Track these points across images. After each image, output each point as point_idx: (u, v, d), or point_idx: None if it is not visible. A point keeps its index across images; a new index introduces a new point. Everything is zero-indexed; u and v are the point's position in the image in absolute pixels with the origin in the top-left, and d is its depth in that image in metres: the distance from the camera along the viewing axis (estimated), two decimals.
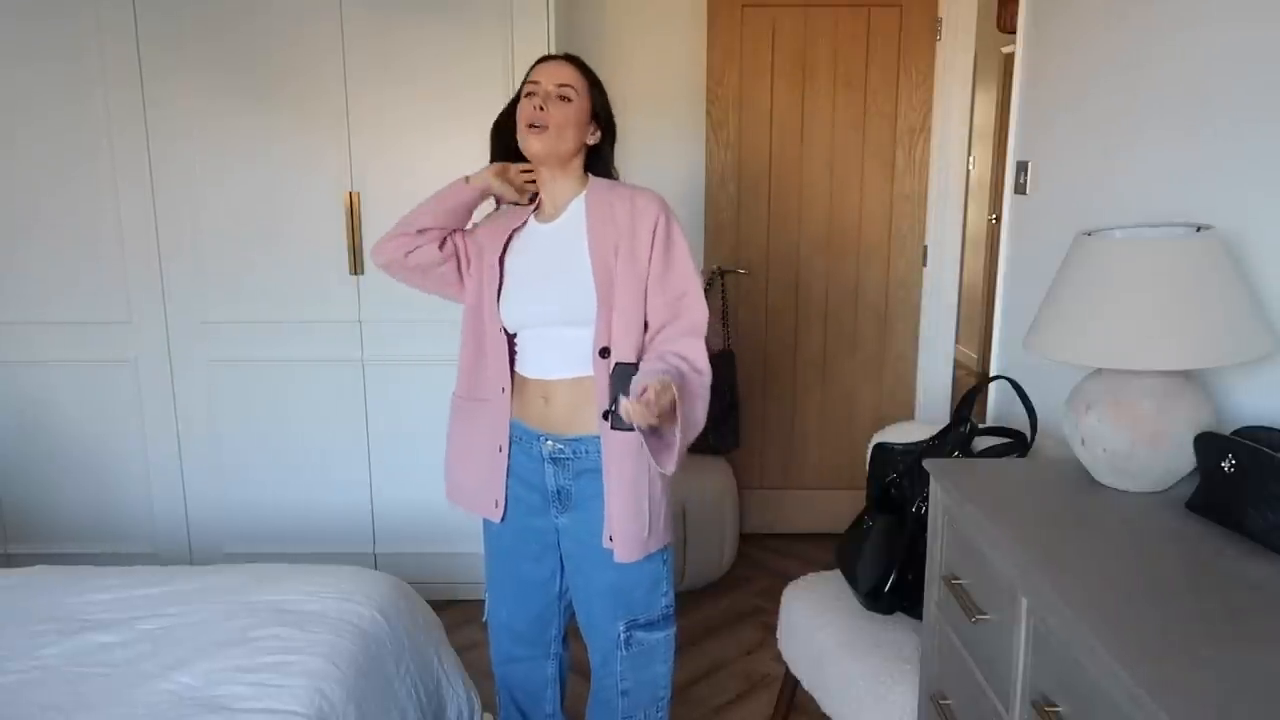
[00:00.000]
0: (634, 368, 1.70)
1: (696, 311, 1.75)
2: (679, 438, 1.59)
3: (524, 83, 1.78)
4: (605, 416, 1.70)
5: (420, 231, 1.83)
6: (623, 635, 1.84)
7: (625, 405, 1.51)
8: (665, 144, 3.46)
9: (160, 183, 2.92)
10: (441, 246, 1.85)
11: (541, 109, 1.71)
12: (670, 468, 1.62)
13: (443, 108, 2.88)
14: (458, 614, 3.03)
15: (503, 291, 1.81)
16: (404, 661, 1.98)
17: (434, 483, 2.11)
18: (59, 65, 2.86)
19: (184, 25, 2.83)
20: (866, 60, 3.39)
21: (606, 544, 1.78)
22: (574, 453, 1.78)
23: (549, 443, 1.79)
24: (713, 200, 3.46)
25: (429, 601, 2.26)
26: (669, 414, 1.58)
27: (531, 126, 1.71)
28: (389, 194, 2.92)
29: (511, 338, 1.84)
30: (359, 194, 2.92)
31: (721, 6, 3.34)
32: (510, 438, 1.84)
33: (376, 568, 2.82)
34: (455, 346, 3.14)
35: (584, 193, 1.80)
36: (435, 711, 2.07)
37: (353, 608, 1.95)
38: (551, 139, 1.72)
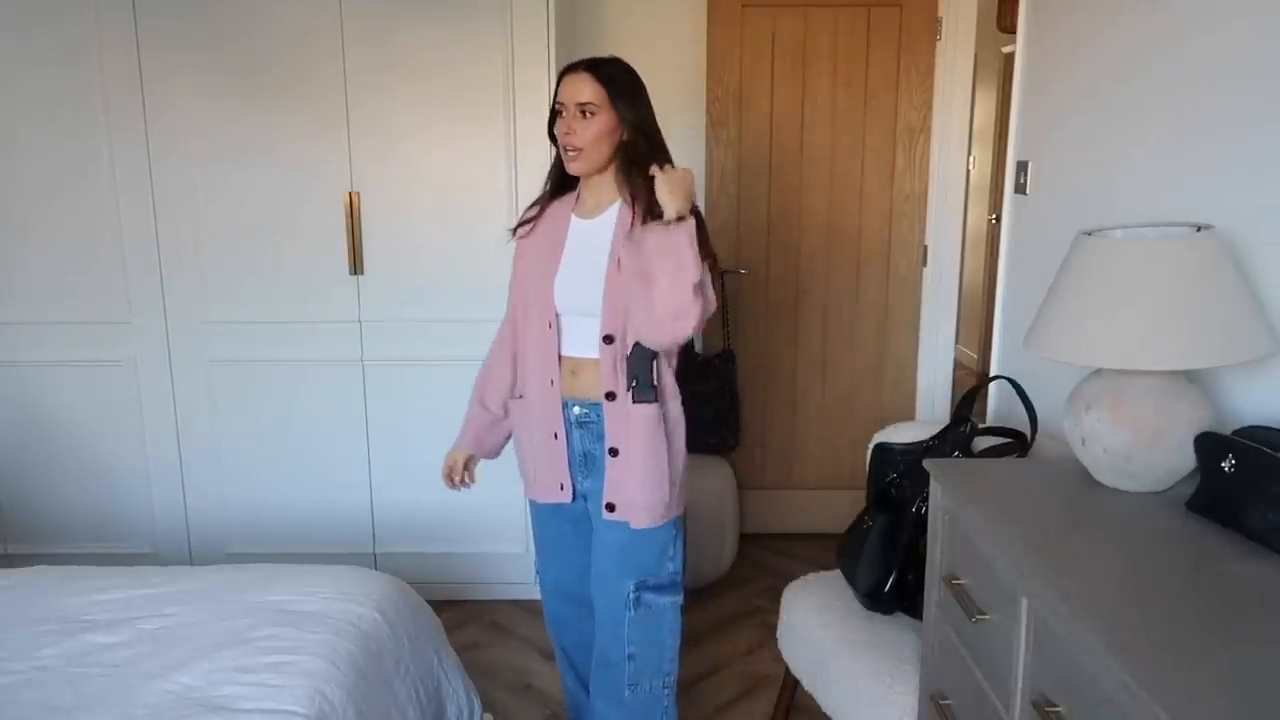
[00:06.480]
0: (650, 350, 1.88)
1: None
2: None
3: (555, 97, 1.91)
4: (628, 390, 1.87)
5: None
6: (631, 595, 1.95)
7: (659, 175, 1.79)
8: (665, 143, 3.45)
9: (160, 183, 2.92)
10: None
11: (569, 132, 1.87)
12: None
13: (442, 107, 2.87)
14: (458, 614, 3.03)
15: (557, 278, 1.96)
16: (404, 662, 1.98)
17: (434, 483, 2.11)
18: (59, 67, 2.85)
19: (183, 27, 2.83)
20: (866, 60, 3.38)
21: (606, 515, 1.92)
22: (596, 416, 1.95)
23: (576, 408, 1.96)
24: (712, 200, 3.46)
25: (429, 601, 2.26)
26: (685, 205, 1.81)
27: (566, 150, 1.89)
28: (389, 194, 2.92)
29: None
30: (359, 194, 2.92)
31: (721, 6, 3.33)
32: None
33: (376, 568, 2.82)
34: (455, 347, 3.13)
35: (620, 201, 1.92)
36: (435, 712, 2.07)
37: (352, 608, 1.95)
38: (586, 159, 1.88)
